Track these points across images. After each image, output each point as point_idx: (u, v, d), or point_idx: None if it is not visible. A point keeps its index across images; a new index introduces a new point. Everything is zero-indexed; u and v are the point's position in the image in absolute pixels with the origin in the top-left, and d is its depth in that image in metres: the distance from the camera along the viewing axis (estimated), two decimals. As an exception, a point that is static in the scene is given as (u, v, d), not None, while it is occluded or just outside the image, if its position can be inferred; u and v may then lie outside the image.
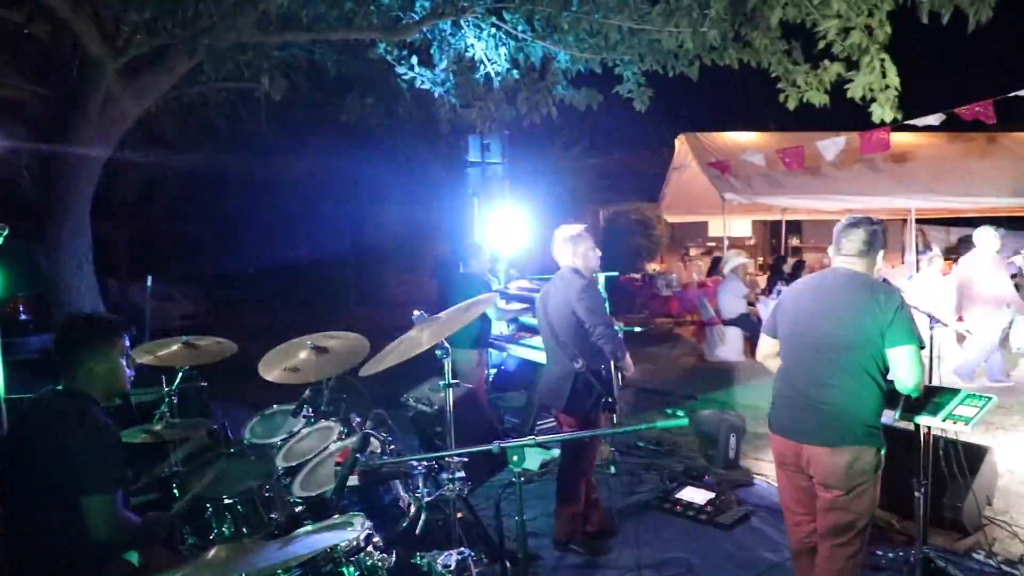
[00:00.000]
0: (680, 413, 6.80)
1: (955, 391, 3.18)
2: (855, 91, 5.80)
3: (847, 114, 6.93)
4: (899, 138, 11.84)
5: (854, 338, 2.82)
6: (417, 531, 2.69)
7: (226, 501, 2.89)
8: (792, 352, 3.04)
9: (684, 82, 6.98)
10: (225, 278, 17.11)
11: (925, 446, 3.40)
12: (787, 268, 11.02)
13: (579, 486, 4.10)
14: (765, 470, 5.13)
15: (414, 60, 7.35)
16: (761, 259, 15.61)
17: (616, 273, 13.56)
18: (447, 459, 2.72)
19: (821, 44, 5.76)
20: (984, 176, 11.47)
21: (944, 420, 3.07)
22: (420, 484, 2.74)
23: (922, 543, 3.52)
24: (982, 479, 4.10)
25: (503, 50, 7.36)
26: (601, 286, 5.37)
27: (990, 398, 3.11)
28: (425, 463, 2.72)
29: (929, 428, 3.40)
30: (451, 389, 2.75)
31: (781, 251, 13.43)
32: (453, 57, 7.42)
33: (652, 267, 14.06)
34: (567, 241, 4.07)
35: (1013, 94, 7.82)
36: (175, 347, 3.86)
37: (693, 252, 16.38)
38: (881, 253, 2.94)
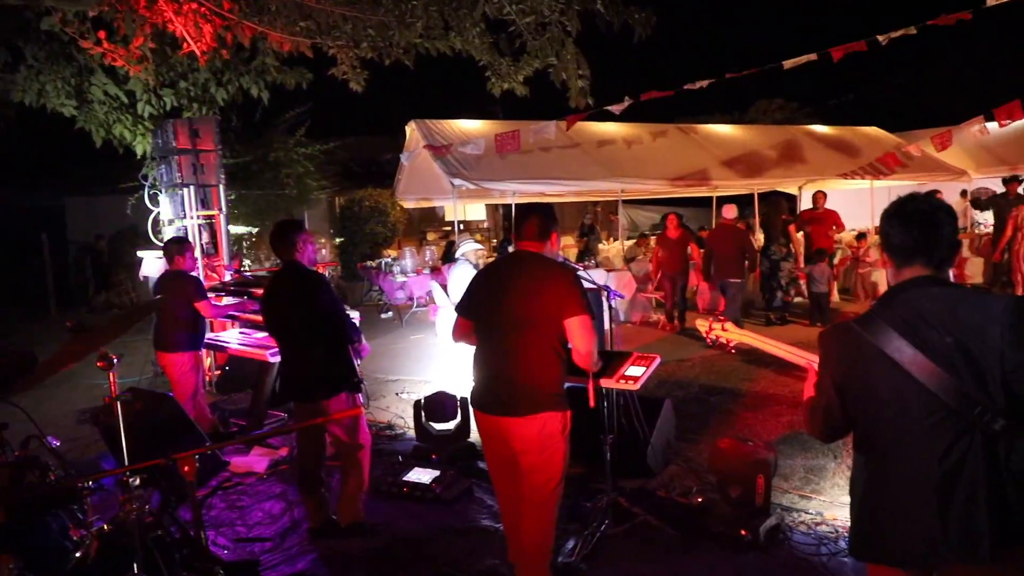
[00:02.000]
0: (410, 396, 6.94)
1: (628, 353, 3.61)
2: (556, 77, 6.33)
3: (564, 102, 7.49)
4: (608, 128, 13.16)
5: (536, 314, 3.06)
6: (90, 562, 2.42)
7: None
8: (484, 331, 3.22)
9: (420, 67, 7.07)
10: None
11: (609, 404, 3.81)
12: (512, 249, 11.67)
13: (368, 464, 4.17)
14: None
15: (102, 35, 6.55)
16: (495, 241, 16.42)
17: (338, 265, 13.49)
18: (126, 478, 2.48)
19: (517, 42, 6.20)
20: (675, 161, 13.11)
21: (619, 381, 3.47)
22: (89, 510, 2.47)
23: (611, 489, 3.97)
24: (662, 427, 4.72)
25: (208, 28, 6.85)
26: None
27: (655, 357, 3.58)
28: (95, 483, 2.45)
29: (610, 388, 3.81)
30: (120, 402, 2.51)
31: (512, 234, 14.21)
32: (151, 33, 6.74)
33: (389, 253, 14.12)
34: (285, 236, 4.04)
35: (687, 87, 9.01)
36: None
37: (431, 237, 16.75)
38: (556, 234, 3.22)
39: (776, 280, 9.75)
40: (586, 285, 3.24)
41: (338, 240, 14.75)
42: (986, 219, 15.38)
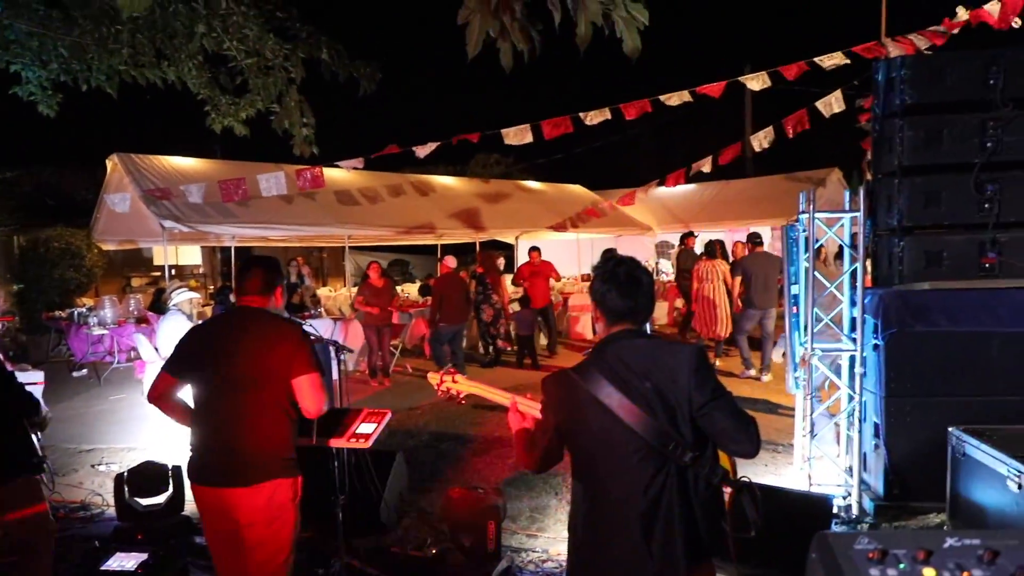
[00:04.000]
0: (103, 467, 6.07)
1: (358, 410, 3.54)
2: (277, 125, 6.10)
3: (278, 146, 7.25)
4: (337, 174, 13.01)
5: (262, 373, 2.87)
6: None
7: None
8: (203, 394, 2.95)
9: (128, 95, 6.33)
10: None
11: (339, 463, 3.68)
12: (234, 298, 10.92)
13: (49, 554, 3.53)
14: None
15: None
16: (212, 287, 15.25)
17: (15, 318, 11.54)
18: None
19: (239, 79, 5.91)
20: (404, 210, 13.37)
21: (350, 439, 3.38)
22: None
23: (344, 552, 3.82)
24: (394, 481, 4.68)
25: None
26: None
27: (386, 412, 3.55)
28: None
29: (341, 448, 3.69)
30: None
31: (231, 281, 13.30)
32: None
33: (84, 302, 12.35)
34: None
35: (416, 148, 9.25)
36: None
37: (136, 283, 15.06)
38: (281, 289, 3.08)
39: (494, 326, 10.35)
40: (314, 339, 3.13)
41: (17, 287, 12.55)
42: (666, 268, 17.89)
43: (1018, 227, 4.58)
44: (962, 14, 5.59)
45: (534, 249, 11.33)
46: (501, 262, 13.76)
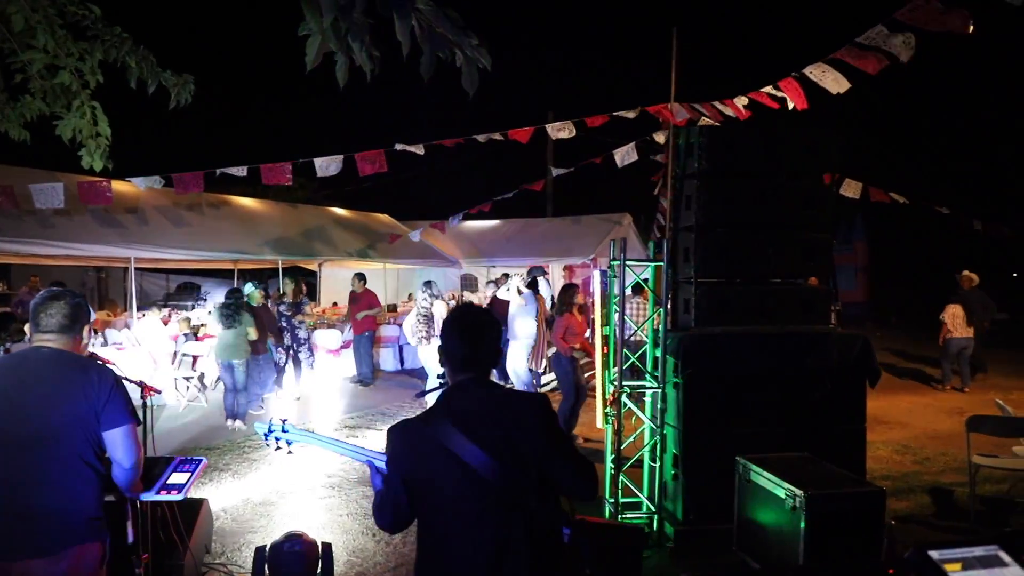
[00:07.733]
0: None
1: (169, 459, 3.23)
2: (63, 131, 5.43)
3: (68, 154, 6.47)
4: (124, 188, 11.78)
5: (66, 424, 2.53)
6: None
7: None
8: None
9: None
10: None
11: (139, 518, 3.32)
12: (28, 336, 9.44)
13: None
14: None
15: None
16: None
17: None
18: None
19: (19, 77, 5.20)
20: (201, 231, 12.42)
21: (160, 492, 3.06)
22: None
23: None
24: (200, 531, 4.29)
25: None
26: None
27: (200, 460, 3.27)
28: None
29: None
30: None
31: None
32: None
33: None
34: None
35: (220, 170, 8.67)
36: None
37: None
38: (87, 329, 2.75)
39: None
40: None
41: None
42: (473, 301, 18.27)
43: (789, 279, 5.30)
44: (741, 100, 6.40)
45: (357, 276, 11.69)
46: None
